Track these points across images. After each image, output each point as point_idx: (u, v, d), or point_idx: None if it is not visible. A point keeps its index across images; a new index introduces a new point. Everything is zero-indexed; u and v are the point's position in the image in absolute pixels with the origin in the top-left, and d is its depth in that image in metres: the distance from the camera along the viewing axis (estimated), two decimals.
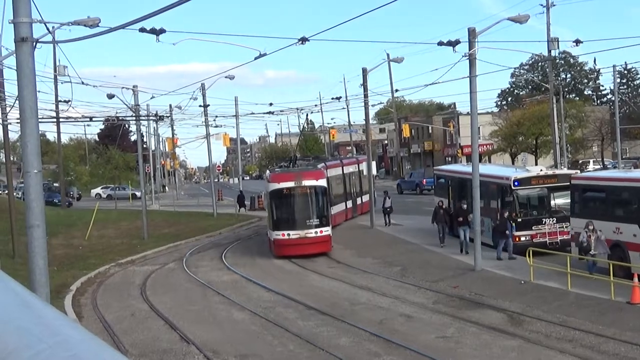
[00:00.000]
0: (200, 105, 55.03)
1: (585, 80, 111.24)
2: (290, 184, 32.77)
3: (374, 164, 45.60)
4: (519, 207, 28.51)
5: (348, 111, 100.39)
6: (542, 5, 46.87)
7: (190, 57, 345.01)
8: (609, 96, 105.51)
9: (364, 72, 42.15)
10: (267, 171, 39.32)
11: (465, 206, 29.84)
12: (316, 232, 32.49)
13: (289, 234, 32.40)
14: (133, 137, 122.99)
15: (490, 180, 29.62)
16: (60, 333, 1.84)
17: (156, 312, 22.64)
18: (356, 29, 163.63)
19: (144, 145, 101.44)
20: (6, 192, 45.63)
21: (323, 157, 56.66)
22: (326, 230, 32.74)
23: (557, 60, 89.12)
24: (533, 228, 28.09)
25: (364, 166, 47.38)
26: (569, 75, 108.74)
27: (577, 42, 35.48)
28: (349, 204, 45.28)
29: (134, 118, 45.24)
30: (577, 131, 73.78)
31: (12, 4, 12.42)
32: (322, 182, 33.22)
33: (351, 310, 21.34)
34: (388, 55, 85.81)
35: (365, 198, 46.66)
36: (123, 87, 42.25)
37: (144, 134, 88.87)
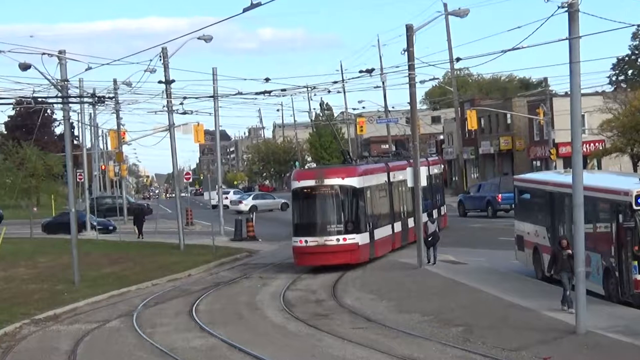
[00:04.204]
0: (160, 81, 55.04)
1: None
2: (311, 183, 42.17)
3: (424, 171, 45.30)
4: None
5: (384, 91, 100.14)
6: None
7: (146, 8, 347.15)
8: None
9: (409, 31, 42.11)
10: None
11: None
12: (338, 240, 41.33)
13: (307, 241, 41.56)
14: (59, 129, 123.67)
15: (599, 196, 29.61)
16: None
17: None
18: None
19: (75, 142, 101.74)
20: None
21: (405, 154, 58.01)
22: (352, 238, 41.40)
23: None
24: None
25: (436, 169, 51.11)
26: None
27: None
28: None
29: (60, 99, 45.39)
30: None
31: None
32: (350, 182, 42.00)
33: None
34: (445, 5, 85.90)
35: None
36: (44, 53, 42.20)
37: (75, 124, 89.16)
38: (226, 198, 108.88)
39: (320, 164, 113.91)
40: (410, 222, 48.76)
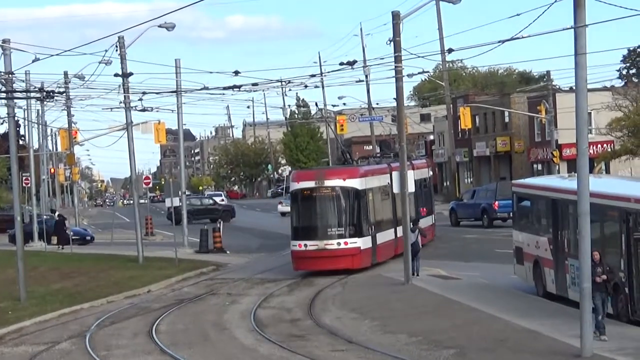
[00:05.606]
0: (116, 74, 54.90)
1: None
2: (311, 184, 44.99)
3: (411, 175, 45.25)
4: None
5: (368, 85, 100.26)
6: None
7: None
8: None
9: (396, 19, 42.15)
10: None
11: None
12: (339, 244, 43.97)
13: (306, 245, 44.36)
14: (2, 128, 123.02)
15: (607, 204, 29.75)
16: None
17: None
18: None
19: (21, 142, 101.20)
20: None
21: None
22: (354, 242, 44.20)
23: None
24: None
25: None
26: None
27: None
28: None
29: (4, 94, 45.30)
30: None
31: None
32: (352, 183, 44.90)
33: None
34: None
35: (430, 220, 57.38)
36: None
37: (21, 122, 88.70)
38: (223, 200, 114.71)
39: (295, 167, 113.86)
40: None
